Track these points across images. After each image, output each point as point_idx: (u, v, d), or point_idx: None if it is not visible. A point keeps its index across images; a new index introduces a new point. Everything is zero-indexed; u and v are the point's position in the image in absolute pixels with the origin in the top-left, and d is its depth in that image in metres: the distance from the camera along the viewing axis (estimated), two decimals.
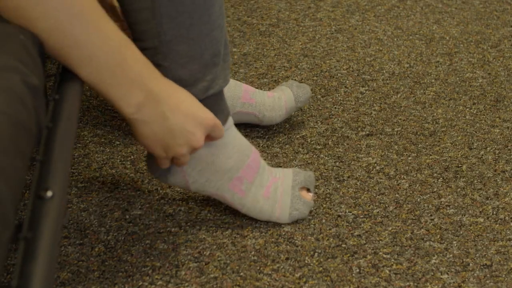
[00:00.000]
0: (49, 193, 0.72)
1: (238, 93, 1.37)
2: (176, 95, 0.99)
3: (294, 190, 1.20)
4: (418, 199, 1.28)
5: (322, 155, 1.38)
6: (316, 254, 1.17)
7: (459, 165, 1.36)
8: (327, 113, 1.49)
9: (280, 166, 1.34)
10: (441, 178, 1.33)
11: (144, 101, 0.95)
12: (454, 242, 1.20)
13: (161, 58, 1.05)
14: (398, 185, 1.31)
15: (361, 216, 1.24)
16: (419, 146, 1.41)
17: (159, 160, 1.07)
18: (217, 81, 1.10)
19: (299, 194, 1.21)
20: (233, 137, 1.16)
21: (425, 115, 1.49)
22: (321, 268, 1.14)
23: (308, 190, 1.23)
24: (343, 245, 1.18)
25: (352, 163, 1.36)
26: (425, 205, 1.27)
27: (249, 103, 1.37)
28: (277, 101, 1.39)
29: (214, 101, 1.11)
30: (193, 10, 1.04)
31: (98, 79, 0.90)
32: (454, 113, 1.50)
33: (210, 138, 1.10)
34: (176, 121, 0.99)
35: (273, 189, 1.20)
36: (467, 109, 1.51)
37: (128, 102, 0.94)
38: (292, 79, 1.59)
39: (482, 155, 1.39)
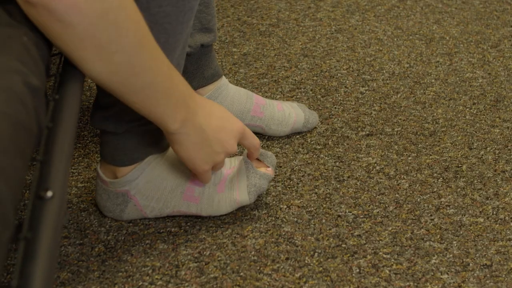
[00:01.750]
0: (49, 193, 0.72)
1: (249, 106, 1.38)
2: (207, 107, 1.06)
3: (248, 166, 1.20)
4: (418, 199, 1.28)
5: (322, 155, 1.38)
6: (316, 254, 1.17)
7: (459, 165, 1.36)
8: (327, 113, 1.49)
9: (280, 167, 1.34)
10: (441, 178, 1.33)
11: (186, 116, 1.02)
12: (454, 242, 1.20)
13: None
14: (398, 185, 1.31)
15: (361, 216, 1.24)
16: (419, 146, 1.41)
17: (202, 174, 1.12)
18: None
19: (254, 168, 1.20)
20: (172, 151, 1.19)
21: (425, 115, 1.49)
22: (321, 268, 1.14)
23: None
24: (343, 245, 1.18)
25: (352, 163, 1.36)
26: (425, 205, 1.27)
27: (258, 116, 1.38)
28: (286, 117, 1.40)
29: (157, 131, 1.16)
30: (163, 48, 1.03)
31: (150, 102, 0.97)
32: (454, 113, 1.50)
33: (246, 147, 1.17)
34: (210, 131, 1.07)
35: (228, 181, 1.20)
36: (467, 109, 1.51)
37: (174, 119, 1.01)
38: (292, 79, 1.59)
39: (482, 155, 1.39)
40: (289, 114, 1.40)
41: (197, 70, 1.33)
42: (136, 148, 1.15)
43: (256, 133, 1.41)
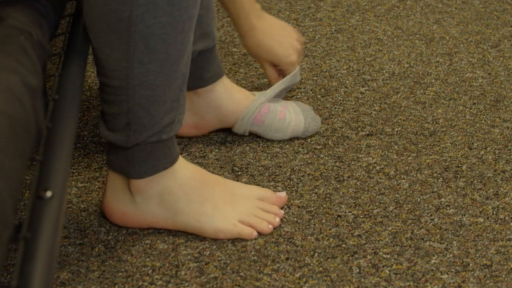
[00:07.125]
0: (49, 193, 0.72)
1: (255, 115, 1.37)
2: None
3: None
4: (418, 199, 1.28)
5: (322, 155, 1.38)
6: (316, 254, 1.17)
7: (459, 165, 1.36)
8: (327, 113, 1.49)
9: (280, 167, 1.34)
10: (441, 178, 1.33)
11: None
12: (454, 242, 1.20)
13: (124, 99, 1.06)
14: (398, 185, 1.31)
15: (361, 216, 1.24)
16: (419, 146, 1.41)
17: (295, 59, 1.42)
18: (173, 125, 1.12)
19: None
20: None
21: (425, 115, 1.49)
22: (321, 268, 1.14)
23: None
24: (343, 245, 1.18)
25: (352, 163, 1.36)
26: (425, 205, 1.27)
27: (258, 124, 1.38)
28: (286, 125, 1.39)
29: (165, 145, 1.13)
30: (165, 60, 1.04)
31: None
32: (454, 113, 1.50)
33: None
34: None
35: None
36: (467, 109, 1.51)
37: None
38: None
39: (482, 155, 1.39)
40: (289, 123, 1.39)
41: (195, 72, 1.32)
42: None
43: (254, 135, 1.41)
